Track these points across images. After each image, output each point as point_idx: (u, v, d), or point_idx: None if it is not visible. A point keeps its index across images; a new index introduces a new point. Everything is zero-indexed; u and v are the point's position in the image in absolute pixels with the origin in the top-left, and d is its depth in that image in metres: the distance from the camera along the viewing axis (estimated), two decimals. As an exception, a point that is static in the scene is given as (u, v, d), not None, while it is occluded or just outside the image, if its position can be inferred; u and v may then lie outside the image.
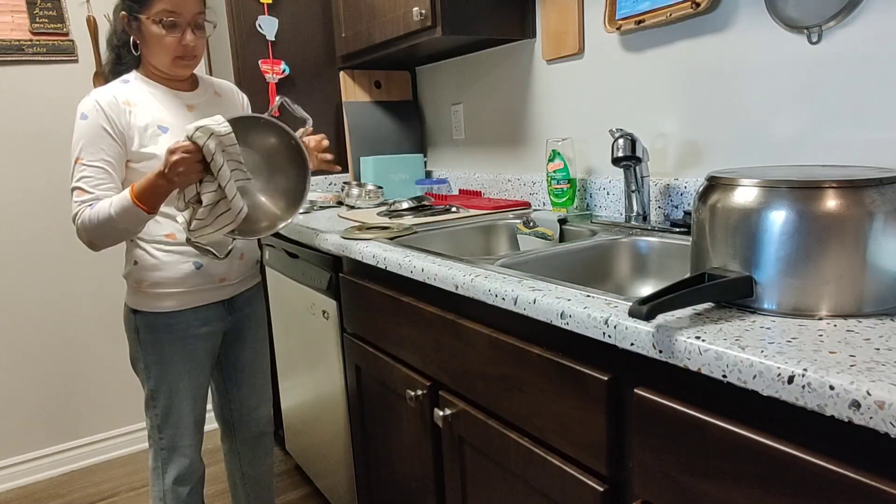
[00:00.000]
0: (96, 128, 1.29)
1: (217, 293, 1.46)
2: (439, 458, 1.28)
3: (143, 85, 1.37)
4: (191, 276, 1.40)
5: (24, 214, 2.24)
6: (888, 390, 0.52)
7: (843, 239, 0.70)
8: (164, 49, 1.32)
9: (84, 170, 1.28)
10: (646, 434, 0.77)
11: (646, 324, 0.74)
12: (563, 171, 1.62)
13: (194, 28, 1.33)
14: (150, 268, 1.38)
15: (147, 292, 1.39)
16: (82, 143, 1.28)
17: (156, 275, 1.38)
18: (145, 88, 1.37)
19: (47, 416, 2.37)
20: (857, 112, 1.10)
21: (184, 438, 1.46)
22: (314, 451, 1.99)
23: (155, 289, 1.38)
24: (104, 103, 1.30)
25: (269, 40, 2.18)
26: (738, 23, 1.27)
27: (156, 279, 1.38)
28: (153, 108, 1.36)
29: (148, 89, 1.37)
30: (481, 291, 1.01)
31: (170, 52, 1.33)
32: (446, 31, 1.66)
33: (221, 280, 1.46)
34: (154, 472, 1.47)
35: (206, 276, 1.42)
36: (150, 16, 1.29)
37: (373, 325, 1.44)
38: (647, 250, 1.28)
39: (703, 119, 1.37)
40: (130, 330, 1.42)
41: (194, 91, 1.45)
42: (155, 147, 1.33)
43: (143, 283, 1.38)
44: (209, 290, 1.44)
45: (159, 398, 1.43)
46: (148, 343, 1.40)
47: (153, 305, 1.39)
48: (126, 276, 1.42)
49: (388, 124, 2.37)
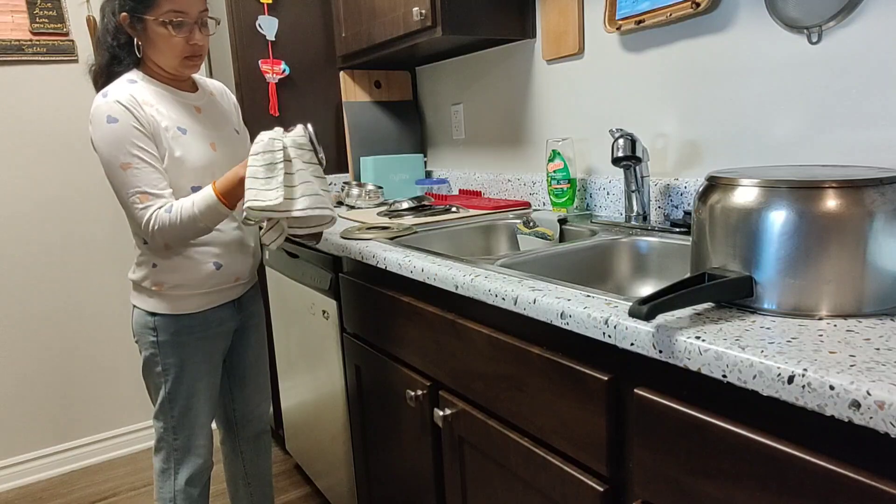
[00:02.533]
0: (130, 129, 1.24)
1: (232, 292, 1.46)
2: (439, 458, 1.28)
3: (150, 86, 1.34)
4: (212, 277, 1.39)
5: (23, 215, 2.24)
6: (888, 390, 0.52)
7: (843, 239, 0.70)
8: (172, 49, 1.29)
9: (139, 173, 1.24)
10: (646, 434, 0.77)
11: (646, 324, 0.74)
12: (563, 171, 1.62)
13: (201, 26, 1.31)
14: (173, 269, 1.36)
15: (168, 294, 1.37)
16: (125, 147, 1.23)
17: (178, 276, 1.36)
18: (154, 89, 1.34)
19: (48, 416, 2.37)
20: (856, 112, 1.10)
21: (199, 438, 1.45)
22: (314, 451, 1.99)
23: (177, 290, 1.37)
24: (127, 103, 1.25)
25: (269, 40, 2.18)
26: (738, 23, 1.27)
27: (179, 280, 1.36)
28: (168, 109, 1.33)
29: (157, 90, 1.34)
30: (481, 291, 1.01)
31: (179, 53, 1.30)
32: (446, 31, 1.66)
33: (237, 279, 1.45)
34: (164, 475, 1.46)
35: (224, 276, 1.42)
36: (156, 16, 1.26)
37: (373, 325, 1.44)
38: (647, 250, 1.28)
39: (703, 119, 1.37)
40: (147, 334, 1.39)
41: (196, 92, 1.43)
42: (180, 150, 1.31)
43: (163, 285, 1.36)
44: (226, 290, 1.44)
45: (177, 400, 1.41)
46: (168, 346, 1.39)
47: (175, 307, 1.38)
48: (139, 280, 1.38)
49: (388, 124, 2.37)
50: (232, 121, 1.49)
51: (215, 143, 1.39)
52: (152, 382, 1.43)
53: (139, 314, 1.40)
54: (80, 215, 2.33)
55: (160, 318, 1.38)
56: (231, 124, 1.48)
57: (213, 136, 1.40)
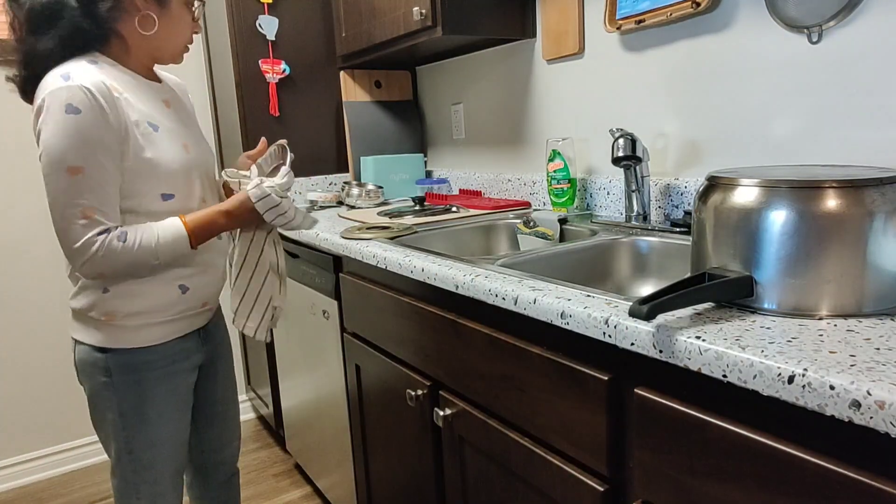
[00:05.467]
0: (94, 127, 1.01)
1: (197, 319, 1.25)
2: (439, 457, 1.28)
3: (115, 70, 1.10)
4: (177, 302, 1.18)
5: (21, 215, 2.24)
6: (888, 390, 0.52)
7: (844, 239, 0.70)
8: (183, 32, 1.16)
9: (90, 184, 1.02)
10: (646, 434, 0.77)
11: (646, 323, 0.74)
12: (563, 171, 1.62)
13: None
14: (128, 295, 1.13)
15: (121, 325, 1.14)
16: (82, 148, 1.00)
17: (135, 303, 1.13)
18: (119, 74, 1.11)
19: (48, 416, 2.37)
20: (857, 112, 1.10)
21: (167, 494, 1.22)
22: (314, 451, 1.99)
23: (133, 320, 1.14)
24: (98, 93, 1.02)
25: (269, 40, 2.18)
26: (738, 22, 1.27)
27: (135, 308, 1.13)
28: (139, 100, 1.11)
29: (123, 76, 1.11)
30: (481, 291, 1.01)
31: (188, 36, 1.18)
32: (446, 30, 1.66)
33: (204, 304, 1.24)
34: None
35: (191, 301, 1.20)
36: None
37: (373, 325, 1.44)
38: (647, 250, 1.28)
39: (704, 119, 1.37)
40: (96, 374, 1.15)
41: (161, 84, 1.22)
42: (151, 150, 1.10)
43: (115, 314, 1.13)
44: (192, 317, 1.23)
45: (137, 452, 1.18)
46: (123, 387, 1.15)
47: (130, 340, 1.15)
48: (84, 309, 1.14)
49: (389, 124, 2.37)
50: (196, 121, 1.32)
51: (188, 144, 1.18)
52: (104, 432, 1.20)
53: (84, 351, 1.16)
54: (80, 215, 2.32)
55: (112, 355, 1.14)
56: (196, 124, 1.30)
57: (185, 134, 1.20)
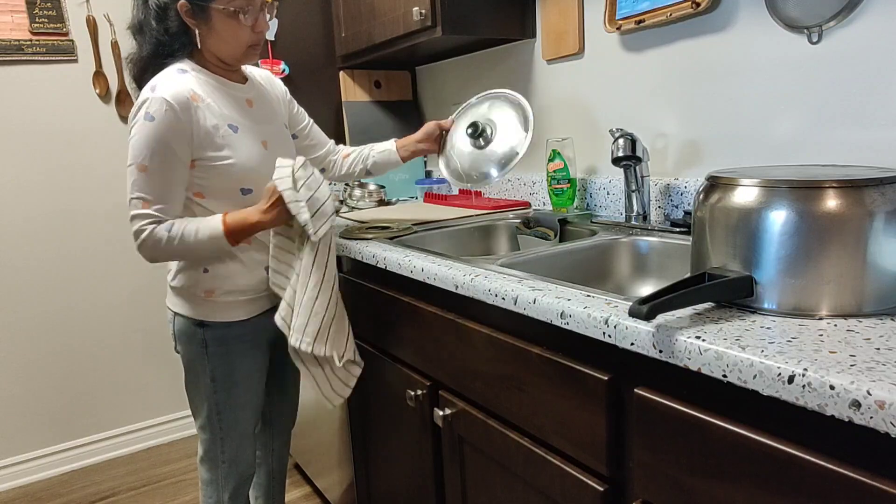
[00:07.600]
0: (165, 133, 1.15)
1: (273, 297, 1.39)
2: (439, 458, 1.28)
3: (202, 76, 1.25)
4: (262, 282, 1.32)
5: (23, 215, 2.24)
6: (888, 390, 0.52)
7: (844, 239, 0.70)
8: (237, 39, 1.22)
9: (151, 181, 1.16)
10: (646, 434, 0.77)
11: (646, 323, 0.74)
12: (563, 171, 1.62)
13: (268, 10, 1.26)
14: (228, 274, 1.28)
15: (219, 301, 1.29)
16: (151, 150, 1.15)
17: (233, 282, 1.29)
18: (205, 80, 1.25)
19: (48, 415, 2.36)
20: (856, 112, 1.10)
21: (246, 448, 1.41)
22: (314, 451, 1.99)
23: (229, 297, 1.29)
24: (175, 101, 1.16)
25: (269, 40, 2.18)
26: (738, 23, 1.27)
27: (232, 286, 1.29)
28: (220, 105, 1.24)
29: (208, 81, 1.25)
30: (481, 291, 1.01)
31: (244, 42, 1.23)
32: (446, 30, 1.65)
33: None
34: (211, 486, 1.42)
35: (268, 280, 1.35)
36: (224, 4, 1.18)
37: (373, 325, 1.44)
38: (647, 250, 1.28)
39: (703, 119, 1.37)
40: (194, 345, 1.31)
41: (246, 84, 1.34)
42: (230, 151, 1.23)
43: (215, 291, 1.28)
44: (270, 295, 1.37)
45: (225, 412, 1.35)
46: (218, 356, 1.31)
47: (227, 315, 1.30)
48: (186, 286, 1.29)
49: (388, 124, 2.36)
50: (280, 113, 1.41)
51: (267, 141, 1.31)
52: (198, 393, 1.36)
53: (184, 323, 1.31)
54: (81, 216, 2.32)
55: (210, 328, 1.30)
56: (280, 117, 1.40)
57: (265, 132, 1.32)
